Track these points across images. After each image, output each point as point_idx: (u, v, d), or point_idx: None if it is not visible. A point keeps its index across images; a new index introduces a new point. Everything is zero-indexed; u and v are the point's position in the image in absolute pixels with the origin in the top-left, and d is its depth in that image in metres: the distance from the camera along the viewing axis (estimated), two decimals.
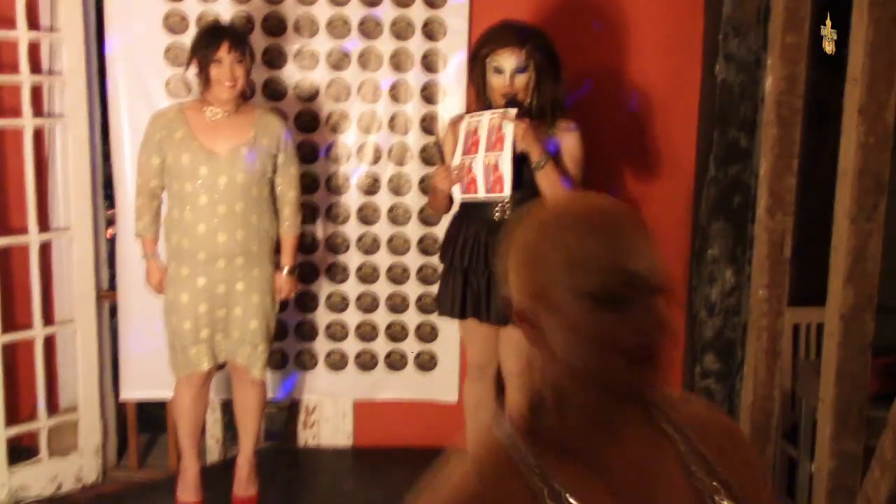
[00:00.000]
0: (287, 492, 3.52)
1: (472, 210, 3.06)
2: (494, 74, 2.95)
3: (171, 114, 3.09)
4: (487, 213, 3.03)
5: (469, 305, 3.07)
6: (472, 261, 3.03)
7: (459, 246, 3.06)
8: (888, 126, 2.39)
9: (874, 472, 2.29)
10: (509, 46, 2.92)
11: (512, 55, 2.91)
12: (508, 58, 2.91)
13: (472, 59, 3.05)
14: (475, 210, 3.05)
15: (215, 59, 2.96)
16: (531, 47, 2.92)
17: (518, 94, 2.93)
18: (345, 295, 3.76)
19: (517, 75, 2.92)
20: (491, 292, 3.01)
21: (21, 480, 3.48)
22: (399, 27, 3.61)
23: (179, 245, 3.05)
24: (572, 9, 3.70)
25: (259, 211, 3.09)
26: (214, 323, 3.10)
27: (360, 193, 3.70)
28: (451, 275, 3.10)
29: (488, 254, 2.99)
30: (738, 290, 3.73)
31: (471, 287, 3.06)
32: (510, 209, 2.99)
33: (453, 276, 3.09)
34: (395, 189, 3.70)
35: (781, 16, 2.90)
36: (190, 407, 3.22)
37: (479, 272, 3.04)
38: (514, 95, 2.93)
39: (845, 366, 2.50)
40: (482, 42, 3.01)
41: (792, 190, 3.01)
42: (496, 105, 2.99)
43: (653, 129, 3.80)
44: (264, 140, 3.08)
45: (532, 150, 2.89)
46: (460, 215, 3.15)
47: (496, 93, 2.96)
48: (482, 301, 3.04)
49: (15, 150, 3.52)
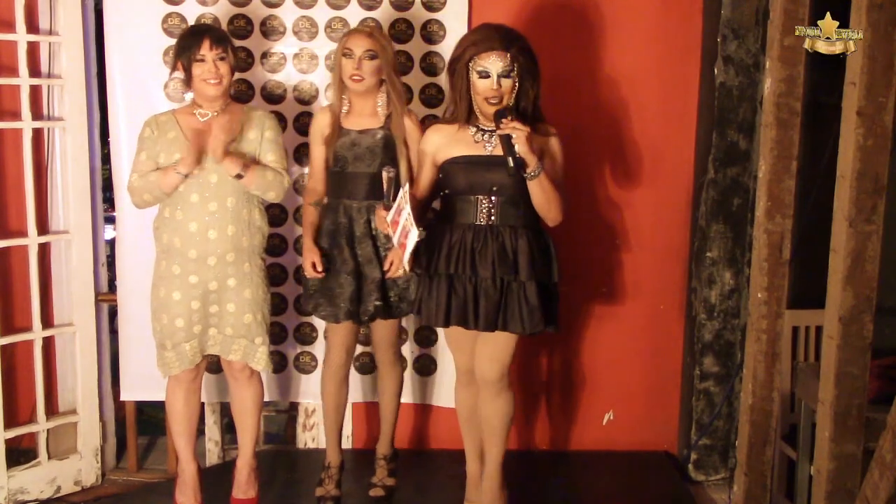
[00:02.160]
0: (286, 494, 3.52)
1: (457, 214, 3.00)
2: (480, 78, 2.89)
3: (164, 117, 3.13)
4: (473, 217, 2.98)
5: (454, 314, 2.99)
6: (458, 267, 2.96)
7: (444, 252, 2.98)
8: (887, 128, 2.39)
9: (873, 473, 2.28)
10: (495, 50, 2.87)
11: (498, 59, 2.87)
12: (495, 61, 2.86)
13: (454, 62, 2.97)
14: (460, 213, 2.99)
15: (198, 57, 2.99)
16: (516, 50, 2.89)
17: (503, 98, 2.89)
18: None
19: (503, 79, 2.88)
20: (478, 299, 2.96)
21: (20, 483, 3.48)
22: (398, 29, 3.62)
23: (171, 243, 3.06)
24: (571, 11, 3.71)
25: (249, 206, 3.12)
26: (207, 319, 3.11)
27: None
28: (435, 281, 3.01)
29: (475, 259, 2.94)
30: (737, 293, 3.73)
31: (456, 294, 2.98)
32: (498, 214, 2.95)
33: (437, 283, 3.01)
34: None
35: (780, 18, 2.91)
36: (182, 408, 3.22)
37: (464, 279, 2.97)
38: (500, 99, 2.89)
39: (844, 368, 2.50)
40: (465, 45, 2.94)
41: (791, 192, 3.02)
42: (481, 110, 2.94)
43: (652, 132, 3.80)
44: (250, 133, 3.11)
45: (529, 158, 2.83)
46: (442, 219, 3.08)
47: (481, 97, 2.91)
48: (469, 308, 2.97)
49: (14, 152, 3.52)
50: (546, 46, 3.47)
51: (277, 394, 3.83)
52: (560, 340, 3.89)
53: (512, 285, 2.96)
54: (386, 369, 3.45)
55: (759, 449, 3.15)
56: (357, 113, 3.22)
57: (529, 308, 2.95)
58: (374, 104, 3.21)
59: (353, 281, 3.19)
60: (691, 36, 3.74)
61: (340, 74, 3.16)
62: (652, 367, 3.95)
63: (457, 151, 3.00)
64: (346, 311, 3.20)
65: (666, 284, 3.90)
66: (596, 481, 3.75)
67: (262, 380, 3.30)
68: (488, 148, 2.97)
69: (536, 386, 3.96)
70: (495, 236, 2.96)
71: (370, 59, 3.11)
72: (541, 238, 3.04)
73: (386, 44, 3.18)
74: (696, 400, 3.81)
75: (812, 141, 3.29)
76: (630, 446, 3.98)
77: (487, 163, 2.96)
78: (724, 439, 3.81)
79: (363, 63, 3.11)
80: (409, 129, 3.21)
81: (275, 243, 3.67)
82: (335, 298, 3.21)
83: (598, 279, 3.89)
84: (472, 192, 2.97)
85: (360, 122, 3.21)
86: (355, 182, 3.19)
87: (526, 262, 2.95)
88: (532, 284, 2.96)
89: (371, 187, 3.16)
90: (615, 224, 3.86)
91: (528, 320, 2.96)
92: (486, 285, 2.95)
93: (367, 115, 3.21)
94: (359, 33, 3.18)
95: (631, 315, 3.91)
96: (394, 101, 3.19)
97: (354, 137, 3.19)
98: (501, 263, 2.94)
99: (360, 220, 3.20)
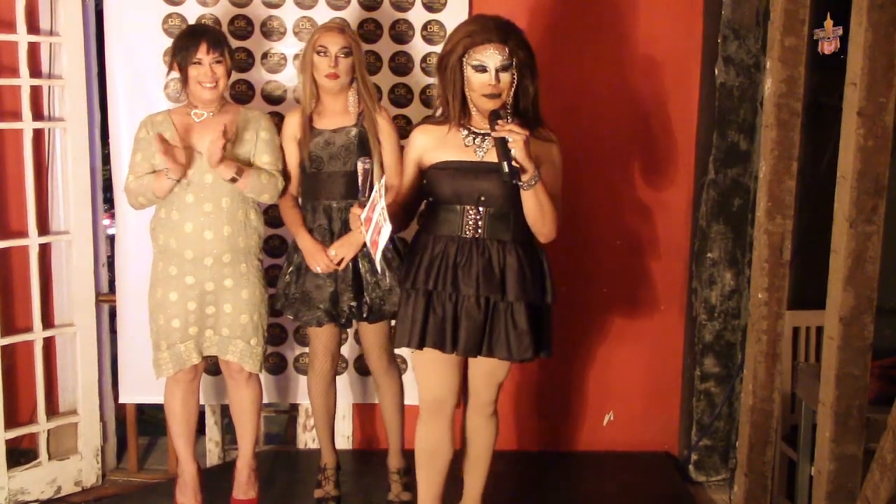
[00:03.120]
0: (287, 494, 3.52)
1: (440, 224, 2.75)
2: (476, 73, 2.64)
3: (160, 117, 3.12)
4: (458, 228, 2.73)
5: (430, 334, 2.72)
6: (438, 283, 2.70)
7: (425, 264, 2.72)
8: (887, 128, 2.39)
9: (874, 474, 2.28)
10: (492, 42, 2.62)
11: (496, 51, 2.61)
12: (492, 54, 2.61)
13: (445, 57, 2.70)
14: (445, 224, 2.74)
15: (195, 60, 2.99)
16: (514, 43, 2.64)
17: (502, 94, 2.65)
18: None
19: (501, 73, 2.63)
20: (458, 320, 2.70)
21: (20, 483, 3.48)
22: (399, 30, 3.62)
23: (167, 245, 3.06)
24: (571, 12, 3.71)
25: (245, 206, 3.11)
26: (203, 319, 3.11)
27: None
28: (412, 297, 2.75)
29: (458, 275, 2.69)
30: (737, 293, 3.73)
31: (434, 313, 2.72)
32: (485, 227, 2.71)
33: (414, 299, 2.74)
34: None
35: (780, 18, 2.91)
36: (180, 409, 3.22)
37: (444, 296, 2.71)
38: (499, 95, 2.65)
39: (845, 368, 2.49)
40: (457, 38, 2.67)
41: (791, 192, 3.02)
42: (478, 107, 2.70)
43: (652, 132, 3.81)
44: (246, 134, 3.11)
45: (527, 165, 2.56)
46: (427, 229, 2.81)
47: (477, 93, 2.66)
48: (447, 329, 2.70)
49: (15, 152, 3.52)
50: (546, 46, 3.49)
51: (277, 395, 3.83)
52: (560, 340, 3.89)
53: (499, 306, 2.70)
54: (381, 378, 3.34)
55: (759, 449, 3.15)
56: (329, 112, 3.17)
57: (518, 332, 2.70)
58: (346, 102, 3.16)
59: (332, 282, 3.15)
60: (692, 36, 3.74)
61: (312, 73, 3.12)
62: (652, 368, 3.96)
63: (444, 156, 2.74)
64: (326, 312, 3.16)
65: (666, 285, 3.90)
66: (596, 482, 3.75)
67: (260, 381, 3.30)
68: (479, 153, 2.72)
69: (537, 386, 3.96)
70: (481, 251, 2.69)
71: (345, 56, 3.07)
72: (533, 254, 2.77)
73: (357, 40, 3.14)
74: (696, 400, 3.81)
75: (813, 142, 3.29)
76: (630, 447, 3.98)
77: (476, 170, 2.69)
78: (724, 440, 3.81)
79: (339, 60, 3.06)
80: (382, 126, 3.16)
81: (274, 244, 3.67)
82: (313, 301, 3.17)
83: (599, 279, 3.89)
84: (458, 200, 2.71)
85: (333, 121, 3.16)
86: (332, 182, 3.14)
87: (515, 280, 2.68)
88: (521, 305, 2.70)
89: (348, 186, 3.11)
90: (615, 224, 3.86)
91: (515, 345, 2.70)
92: (469, 304, 2.69)
93: (338, 113, 3.16)
94: (331, 30, 3.11)
95: (631, 315, 3.91)
96: (365, 98, 3.14)
97: (328, 137, 3.14)
98: (487, 281, 2.67)
99: (338, 220, 3.15)
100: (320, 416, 3.40)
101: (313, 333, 3.30)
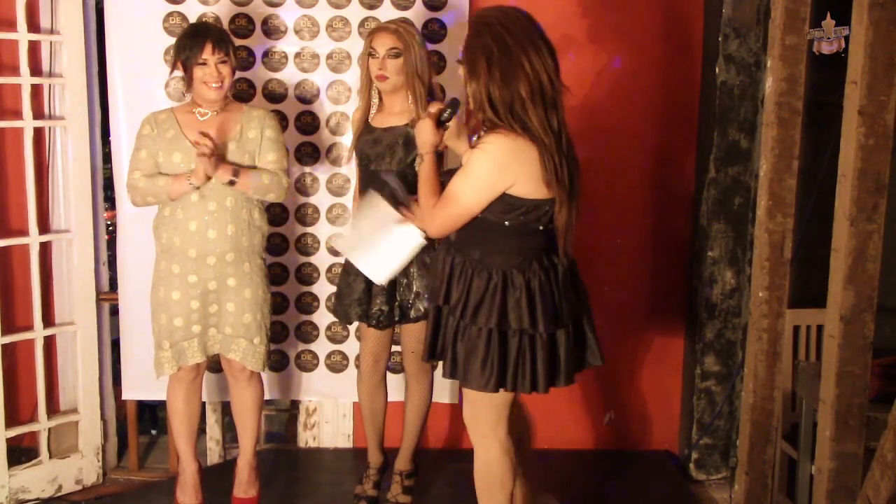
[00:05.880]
0: (287, 493, 3.52)
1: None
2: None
3: (163, 115, 3.12)
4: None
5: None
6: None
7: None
8: (888, 127, 2.39)
9: (874, 473, 2.28)
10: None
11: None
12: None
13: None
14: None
15: (200, 60, 2.98)
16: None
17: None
18: None
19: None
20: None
21: (21, 482, 3.49)
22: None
23: (171, 243, 3.06)
24: (572, 11, 3.71)
25: (249, 205, 3.11)
26: (206, 318, 3.11)
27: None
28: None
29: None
30: (738, 292, 3.73)
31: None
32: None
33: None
34: None
35: (781, 17, 2.91)
36: (182, 407, 3.22)
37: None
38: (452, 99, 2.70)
39: (846, 367, 2.50)
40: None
41: (792, 191, 3.02)
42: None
43: (653, 131, 3.80)
44: (250, 133, 3.11)
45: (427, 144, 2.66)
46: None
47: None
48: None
49: (15, 151, 3.52)
50: None
51: (278, 392, 3.83)
52: None
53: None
54: (410, 380, 3.38)
55: (760, 448, 3.15)
56: (387, 111, 3.21)
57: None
58: (404, 102, 3.18)
59: (363, 282, 3.16)
60: (693, 35, 3.74)
61: (368, 73, 3.16)
62: (653, 367, 3.96)
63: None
64: (356, 313, 3.20)
65: (667, 283, 3.90)
66: (597, 481, 3.75)
67: (262, 379, 3.30)
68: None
69: None
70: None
71: (394, 57, 3.08)
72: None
73: (412, 41, 3.12)
74: (697, 399, 3.81)
75: (813, 140, 3.29)
76: (631, 446, 3.98)
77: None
78: (725, 438, 3.81)
79: (387, 62, 3.09)
80: None
81: (276, 243, 3.67)
82: (344, 299, 3.22)
83: (599, 278, 3.88)
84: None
85: (388, 120, 3.19)
86: (376, 180, 3.12)
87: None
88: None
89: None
90: (616, 223, 3.86)
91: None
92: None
93: (395, 112, 3.19)
94: (383, 31, 3.14)
95: (632, 314, 3.91)
96: (413, 100, 3.16)
97: (378, 135, 3.17)
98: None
99: None
100: (366, 416, 3.43)
101: (362, 335, 3.36)
